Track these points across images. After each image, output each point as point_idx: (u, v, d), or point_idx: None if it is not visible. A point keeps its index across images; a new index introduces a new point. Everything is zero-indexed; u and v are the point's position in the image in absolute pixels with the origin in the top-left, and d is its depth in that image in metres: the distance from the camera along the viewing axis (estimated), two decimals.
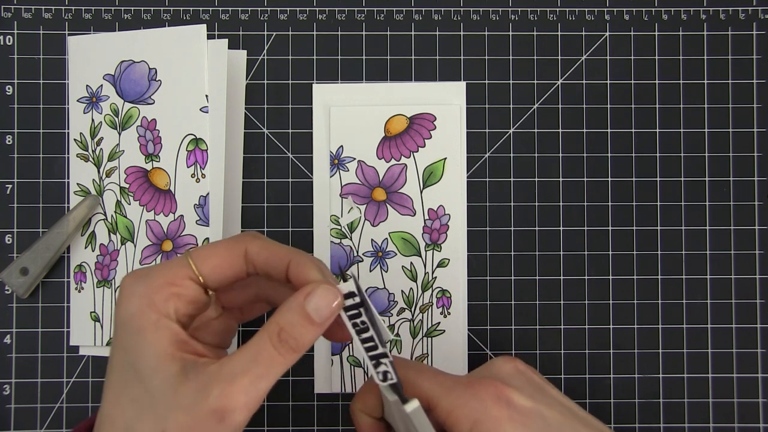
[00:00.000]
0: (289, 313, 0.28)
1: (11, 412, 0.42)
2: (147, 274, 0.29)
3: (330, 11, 0.44)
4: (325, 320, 0.28)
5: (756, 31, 0.44)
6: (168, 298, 0.28)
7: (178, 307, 0.29)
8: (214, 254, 0.30)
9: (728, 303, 0.44)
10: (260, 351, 0.27)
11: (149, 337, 0.27)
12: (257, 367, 0.27)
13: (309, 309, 0.28)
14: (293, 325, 0.28)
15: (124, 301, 0.28)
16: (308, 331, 0.28)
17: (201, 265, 0.29)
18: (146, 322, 0.28)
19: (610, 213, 0.44)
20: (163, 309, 0.28)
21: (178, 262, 0.29)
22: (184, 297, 0.29)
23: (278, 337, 0.27)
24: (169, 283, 0.29)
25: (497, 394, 0.29)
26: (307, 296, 0.28)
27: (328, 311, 0.28)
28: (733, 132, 0.44)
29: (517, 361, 0.32)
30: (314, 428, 0.43)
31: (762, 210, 0.44)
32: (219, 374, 0.27)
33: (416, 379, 0.31)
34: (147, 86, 0.43)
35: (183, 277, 0.29)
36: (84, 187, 0.43)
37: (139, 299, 0.28)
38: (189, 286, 0.29)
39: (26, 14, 0.44)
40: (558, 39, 0.44)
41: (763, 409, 0.43)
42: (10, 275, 0.41)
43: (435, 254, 0.43)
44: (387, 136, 0.43)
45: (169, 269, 0.29)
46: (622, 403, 0.43)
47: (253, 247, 0.30)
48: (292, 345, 0.27)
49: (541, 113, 0.44)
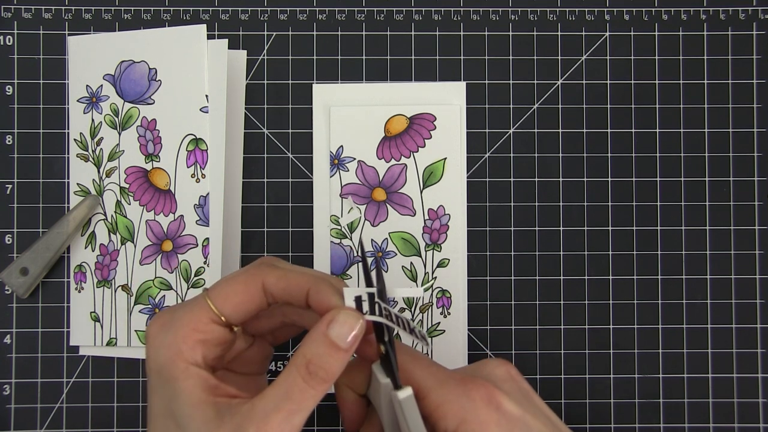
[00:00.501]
0: (314, 344, 0.28)
1: (11, 412, 0.42)
2: (172, 322, 0.30)
3: (330, 11, 0.44)
4: (351, 345, 0.28)
5: (756, 31, 0.44)
6: (194, 346, 0.29)
7: (205, 353, 0.29)
8: (232, 292, 0.30)
9: (728, 303, 0.44)
10: (291, 386, 0.27)
11: (181, 386, 0.28)
12: (289, 403, 0.27)
13: (333, 337, 0.28)
14: (320, 356, 0.28)
15: (153, 352, 0.29)
16: (336, 359, 0.28)
17: (222, 306, 0.30)
18: (176, 371, 0.28)
19: (610, 213, 0.44)
20: (190, 357, 0.29)
21: (200, 306, 0.30)
22: (210, 341, 0.30)
23: (307, 370, 0.28)
24: (194, 330, 0.29)
25: (488, 396, 0.29)
26: (330, 324, 0.28)
27: (352, 337, 0.28)
28: (733, 132, 0.44)
29: (509, 365, 0.32)
30: (314, 428, 0.43)
31: (762, 210, 0.44)
32: (253, 413, 0.27)
33: (411, 366, 0.30)
34: (147, 86, 0.43)
35: (206, 321, 0.29)
36: (84, 187, 0.43)
37: (166, 350, 0.29)
38: (213, 330, 0.30)
39: (26, 14, 0.44)
40: (558, 39, 0.44)
41: (763, 409, 0.43)
42: (10, 275, 0.41)
43: (435, 254, 0.43)
44: (387, 136, 0.43)
45: (192, 314, 0.29)
46: (622, 403, 0.43)
47: (271, 279, 0.30)
48: (322, 376, 0.28)
49: (541, 113, 0.44)
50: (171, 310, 0.30)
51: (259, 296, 0.30)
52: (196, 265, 0.42)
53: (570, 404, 0.43)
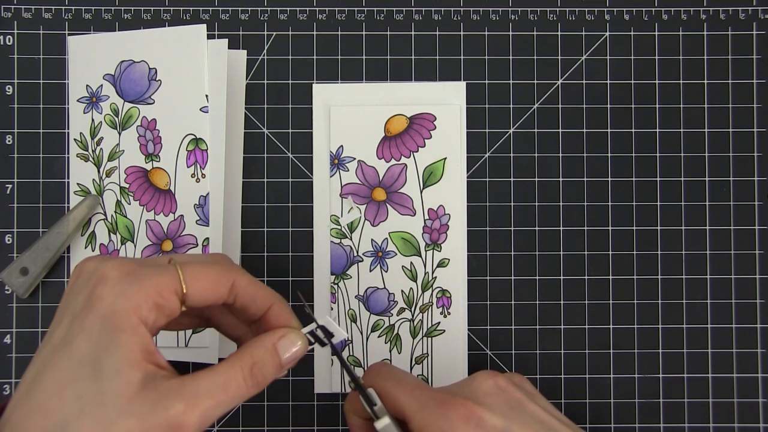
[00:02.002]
0: (263, 350, 0.30)
1: None
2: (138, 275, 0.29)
3: (330, 11, 0.44)
4: (289, 363, 0.31)
5: (756, 31, 0.44)
6: (152, 308, 0.28)
7: (155, 319, 0.29)
8: (205, 277, 0.30)
9: (728, 303, 0.44)
10: (230, 379, 0.28)
11: (124, 339, 0.27)
12: (223, 393, 0.28)
13: (280, 350, 0.30)
14: (264, 363, 0.30)
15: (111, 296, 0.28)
16: (275, 370, 0.30)
17: (190, 284, 0.30)
18: (126, 324, 0.27)
19: (610, 213, 0.44)
20: (144, 316, 0.28)
21: (170, 273, 0.29)
22: (164, 310, 0.29)
23: (250, 371, 0.29)
24: (157, 294, 0.28)
25: (466, 414, 0.29)
26: (281, 338, 0.30)
27: (295, 356, 0.31)
28: (733, 132, 0.44)
29: (498, 377, 0.32)
30: (314, 428, 0.43)
31: (762, 210, 0.44)
32: (181, 390, 0.27)
33: (394, 392, 0.31)
34: (147, 86, 0.43)
35: (170, 291, 0.29)
36: (84, 187, 0.43)
37: (126, 300, 0.28)
38: (172, 301, 0.29)
39: (26, 14, 0.44)
40: (558, 39, 0.44)
41: (763, 409, 0.43)
42: (10, 275, 0.41)
43: (435, 254, 0.43)
44: (387, 136, 0.43)
45: (161, 278, 0.29)
46: (622, 403, 0.43)
47: (243, 281, 0.31)
48: (260, 380, 0.29)
49: (541, 113, 0.44)
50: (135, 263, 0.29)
51: (224, 290, 0.30)
52: None
53: (570, 404, 0.43)
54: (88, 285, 0.29)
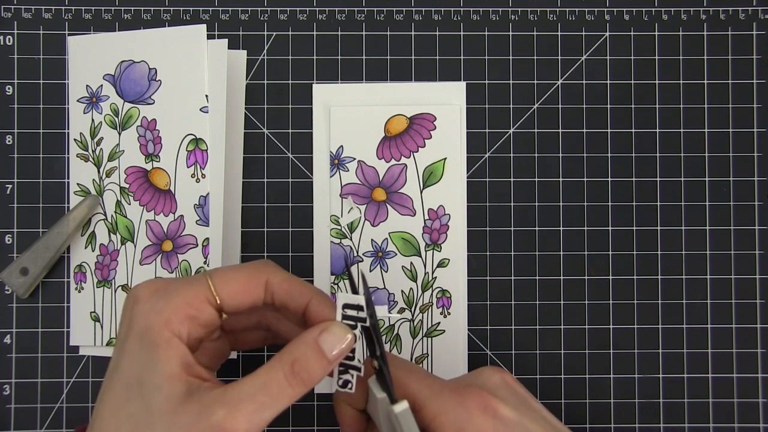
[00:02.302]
0: (303, 347, 0.28)
1: (11, 412, 0.42)
2: (167, 290, 0.29)
3: (330, 11, 0.44)
4: (336, 358, 0.29)
5: (756, 31, 0.44)
6: (184, 320, 0.29)
7: (191, 331, 0.29)
8: (235, 280, 0.30)
9: (728, 303, 0.44)
10: (271, 380, 0.27)
11: (160, 355, 0.28)
12: (265, 395, 0.27)
13: (322, 345, 0.28)
14: (307, 359, 0.28)
15: (142, 314, 0.28)
16: (320, 366, 0.28)
17: (221, 289, 0.30)
18: (160, 339, 0.28)
19: (610, 213, 0.44)
20: (177, 330, 0.28)
21: (198, 282, 0.30)
22: (199, 320, 0.29)
23: (291, 369, 0.28)
24: (187, 304, 0.29)
25: (484, 404, 0.29)
26: (322, 333, 0.29)
27: (339, 350, 0.29)
28: (733, 132, 0.44)
29: (504, 372, 0.32)
30: (314, 428, 0.43)
31: (762, 210, 0.44)
32: (224, 397, 0.27)
33: (406, 379, 0.31)
34: (147, 86, 0.43)
35: (202, 300, 0.29)
36: (84, 187, 0.43)
37: (156, 315, 0.28)
38: (205, 310, 0.29)
39: (26, 14, 0.44)
40: (558, 39, 0.44)
41: (763, 409, 0.43)
42: (10, 275, 0.42)
43: (435, 254, 0.43)
44: (387, 136, 0.43)
45: (190, 289, 0.29)
46: (622, 403, 0.43)
47: (276, 279, 0.31)
48: (304, 378, 0.28)
49: (541, 113, 0.44)
50: (165, 281, 0.30)
51: (258, 290, 0.30)
52: (196, 265, 0.42)
53: (570, 404, 0.43)
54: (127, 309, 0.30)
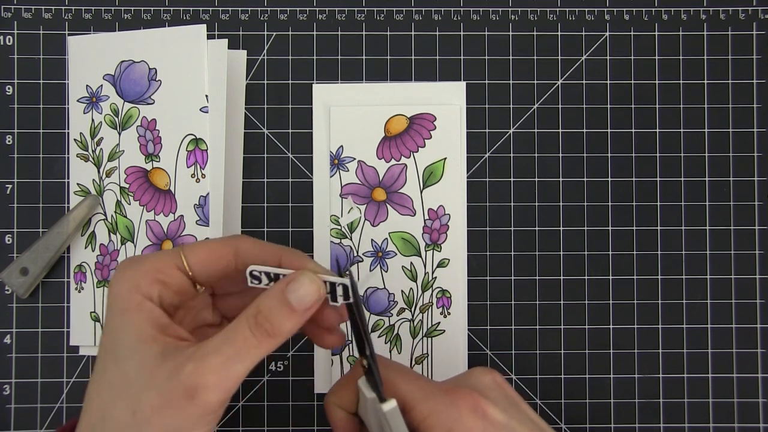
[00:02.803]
0: (269, 298, 0.28)
1: (11, 412, 0.42)
2: (138, 260, 0.30)
3: (330, 11, 0.44)
4: (305, 309, 0.28)
5: (756, 31, 0.44)
6: (153, 283, 0.29)
7: (163, 294, 0.29)
8: (203, 247, 0.30)
9: (728, 303, 0.44)
10: (235, 333, 0.27)
11: (131, 317, 0.28)
12: (229, 347, 0.27)
13: (289, 296, 0.28)
14: (271, 310, 0.28)
15: (114, 282, 0.29)
16: (286, 318, 0.28)
17: (190, 257, 0.30)
18: (130, 303, 0.28)
19: (610, 213, 0.44)
20: (147, 292, 0.29)
21: (170, 252, 0.30)
22: (170, 285, 0.30)
23: (255, 320, 0.27)
24: (156, 270, 0.29)
25: (474, 405, 0.29)
26: (290, 283, 0.28)
27: (308, 300, 0.28)
28: (733, 132, 0.44)
29: (495, 373, 0.32)
30: (314, 428, 0.43)
31: (762, 210, 0.44)
32: (194, 354, 0.27)
33: (397, 379, 0.31)
34: (147, 86, 0.43)
35: (171, 266, 0.30)
36: (84, 187, 0.43)
37: (125, 282, 0.29)
38: (175, 275, 0.30)
39: (26, 14, 0.44)
40: (558, 39, 0.44)
41: (763, 409, 0.43)
42: (10, 275, 0.41)
43: (435, 254, 0.43)
44: (387, 136, 0.43)
45: (159, 257, 0.30)
46: (622, 403, 0.43)
47: (245, 244, 0.31)
48: (268, 329, 0.27)
49: (541, 113, 0.44)
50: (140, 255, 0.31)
51: (229, 258, 0.30)
52: None
53: (570, 404, 0.43)
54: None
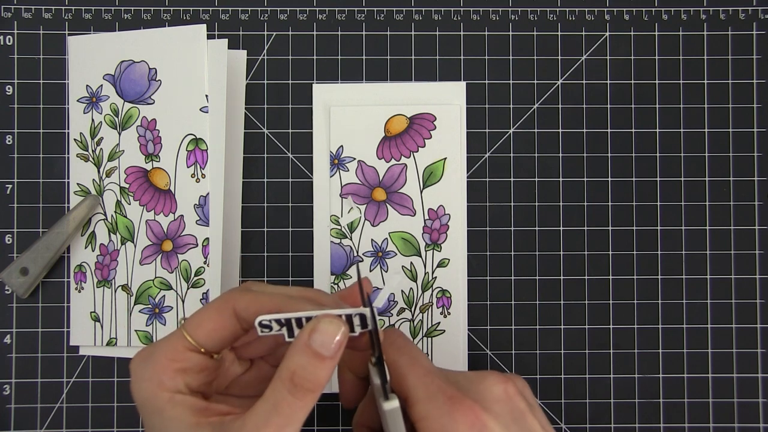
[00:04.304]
0: (297, 355, 0.28)
1: (11, 412, 0.42)
2: (151, 355, 0.30)
3: (330, 11, 0.44)
4: (335, 352, 0.28)
5: (756, 31, 0.44)
6: (174, 375, 0.29)
7: (187, 381, 0.30)
8: (205, 320, 0.30)
9: (728, 303, 0.44)
10: (278, 400, 0.27)
11: (169, 415, 0.28)
12: (278, 417, 0.27)
13: (316, 346, 0.27)
14: (304, 367, 0.27)
15: (136, 387, 0.29)
16: (320, 368, 0.27)
17: (195, 334, 0.30)
18: (160, 402, 0.29)
19: (610, 213, 0.44)
20: (172, 387, 0.29)
21: (175, 336, 0.30)
22: (190, 369, 0.30)
23: (292, 382, 0.27)
24: (171, 360, 0.29)
25: (473, 419, 0.29)
26: (311, 333, 0.28)
27: (335, 343, 0.28)
28: (733, 132, 0.44)
29: (508, 382, 0.31)
30: (314, 428, 0.43)
31: (762, 210, 0.44)
32: (244, 428, 0.27)
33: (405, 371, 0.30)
34: (147, 86, 0.43)
35: (182, 350, 0.30)
36: (84, 187, 0.43)
37: (148, 383, 0.29)
38: (191, 358, 0.30)
39: (26, 14, 0.44)
40: (558, 39, 0.44)
41: (763, 409, 0.43)
42: (10, 275, 0.41)
43: (435, 254, 0.43)
44: (387, 136, 0.43)
45: (168, 344, 0.30)
46: (622, 403, 0.43)
47: (241, 304, 0.30)
48: (308, 387, 0.27)
49: (541, 113, 0.44)
50: (151, 345, 0.31)
51: (231, 322, 0.30)
52: (196, 265, 0.42)
53: (570, 404, 0.43)
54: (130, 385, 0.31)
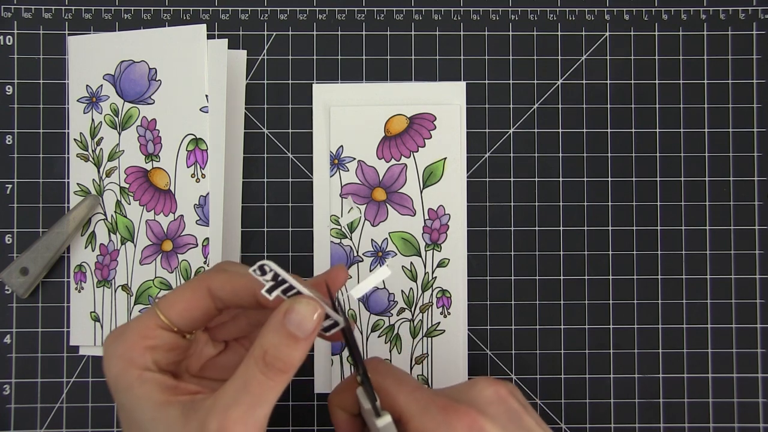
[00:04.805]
0: (271, 335, 0.27)
1: (11, 412, 0.42)
2: (122, 333, 0.30)
3: (330, 11, 0.44)
4: (309, 334, 0.27)
5: (756, 31, 0.44)
6: (144, 352, 0.29)
7: (157, 358, 0.29)
8: (178, 299, 0.30)
9: (728, 303, 0.44)
10: (249, 379, 0.27)
11: (138, 393, 0.28)
12: (248, 395, 0.27)
13: (291, 327, 0.27)
14: (277, 347, 0.27)
15: (107, 364, 0.29)
16: (293, 349, 0.27)
17: (168, 312, 0.30)
18: (130, 379, 0.28)
19: (610, 213, 0.44)
20: (142, 363, 0.29)
21: (147, 315, 0.30)
22: (160, 347, 0.30)
23: (264, 362, 0.27)
24: (142, 337, 0.29)
25: (470, 423, 0.29)
26: (287, 314, 0.27)
27: (310, 324, 0.27)
28: (733, 132, 0.44)
29: (499, 385, 0.31)
30: (314, 428, 0.43)
31: (762, 210, 0.44)
32: (215, 407, 0.27)
33: (394, 390, 0.30)
34: (147, 86, 0.43)
35: (153, 328, 0.30)
36: (84, 187, 0.43)
37: (118, 360, 0.29)
38: (162, 335, 0.30)
39: (26, 14, 0.44)
40: (558, 39, 0.44)
41: (763, 409, 0.43)
42: (10, 275, 0.41)
43: (435, 254, 0.43)
44: (387, 136, 0.43)
45: (139, 322, 0.30)
46: (622, 403, 0.43)
47: (216, 283, 0.30)
48: (280, 366, 0.27)
49: (541, 113, 0.44)
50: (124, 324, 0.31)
51: (204, 301, 0.30)
52: (196, 265, 0.42)
53: (570, 404, 0.43)
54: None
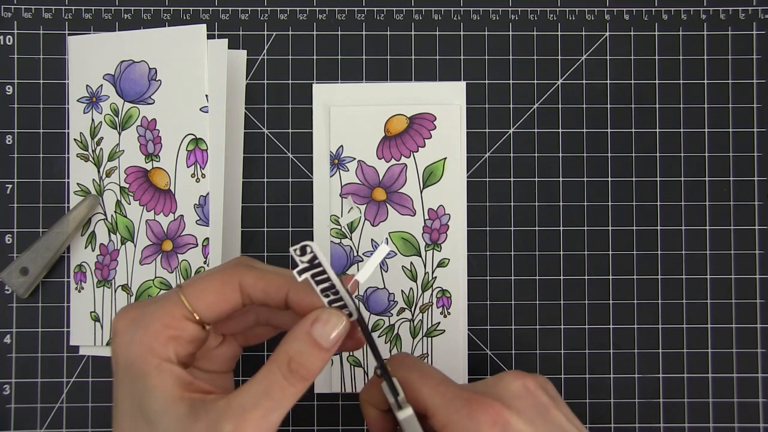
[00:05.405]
0: (297, 342, 0.28)
1: (11, 412, 0.42)
2: (143, 318, 0.29)
3: (330, 11, 0.44)
4: (333, 345, 0.28)
5: (756, 31, 0.44)
6: (166, 342, 0.28)
7: (177, 350, 0.29)
8: (207, 291, 0.30)
9: (728, 303, 0.44)
10: (271, 383, 0.27)
11: (154, 382, 0.27)
12: (268, 400, 0.27)
13: (316, 335, 0.28)
14: (302, 354, 0.28)
15: (123, 347, 0.28)
16: (318, 358, 0.28)
17: (195, 303, 0.29)
18: (148, 368, 0.28)
19: (610, 213, 0.44)
20: (163, 354, 0.28)
21: (172, 302, 0.29)
22: (182, 338, 0.29)
23: (288, 368, 0.27)
24: (166, 326, 0.29)
25: (494, 417, 0.28)
26: (314, 323, 0.28)
27: (336, 336, 0.28)
28: (733, 132, 0.44)
29: (527, 378, 0.31)
30: (314, 428, 0.43)
31: (762, 210, 0.44)
32: (229, 409, 0.27)
33: (418, 384, 0.30)
34: (147, 86, 0.43)
35: (179, 318, 0.29)
36: (84, 187, 0.43)
37: (137, 346, 0.28)
38: (186, 327, 0.29)
39: (26, 14, 0.44)
40: (558, 39, 0.44)
41: (763, 409, 0.43)
42: (10, 275, 0.41)
43: (435, 254, 0.43)
44: (387, 136, 0.43)
45: (164, 310, 0.29)
46: (622, 403, 0.43)
47: (249, 279, 0.30)
48: (303, 374, 0.27)
49: (541, 113, 0.44)
50: (141, 305, 0.30)
51: (234, 296, 0.30)
52: (196, 265, 0.42)
53: (570, 404, 0.43)
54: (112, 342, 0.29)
